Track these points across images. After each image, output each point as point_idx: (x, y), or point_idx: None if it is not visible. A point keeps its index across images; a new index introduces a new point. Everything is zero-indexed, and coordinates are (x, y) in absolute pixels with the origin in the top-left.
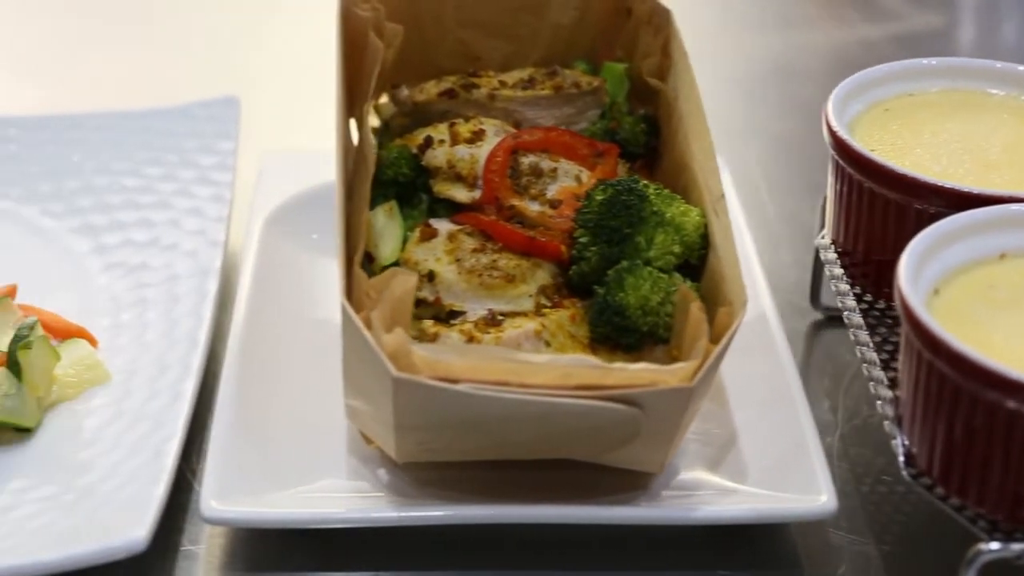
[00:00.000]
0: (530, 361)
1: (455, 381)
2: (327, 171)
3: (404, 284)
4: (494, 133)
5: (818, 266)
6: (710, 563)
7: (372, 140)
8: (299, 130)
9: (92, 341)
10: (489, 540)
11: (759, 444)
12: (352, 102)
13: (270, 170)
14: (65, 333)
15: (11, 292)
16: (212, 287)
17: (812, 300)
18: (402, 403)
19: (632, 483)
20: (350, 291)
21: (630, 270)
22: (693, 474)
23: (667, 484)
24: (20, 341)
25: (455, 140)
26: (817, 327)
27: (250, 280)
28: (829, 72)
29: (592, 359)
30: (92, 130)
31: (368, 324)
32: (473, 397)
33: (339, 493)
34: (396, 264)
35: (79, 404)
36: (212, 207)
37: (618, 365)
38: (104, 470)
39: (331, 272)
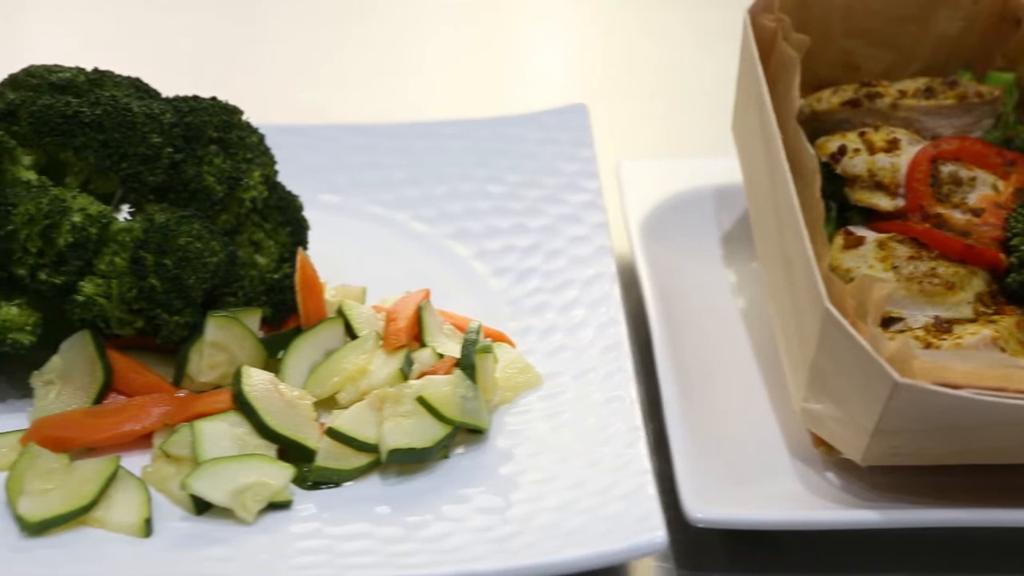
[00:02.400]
0: None
1: (955, 387)
2: (687, 178)
3: (882, 290)
4: (908, 142)
5: None
6: None
7: (811, 149)
8: (638, 137)
9: (511, 345)
10: (947, 542)
11: None
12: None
13: (630, 177)
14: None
15: (427, 296)
16: (615, 292)
17: None
18: (895, 408)
19: None
20: (834, 298)
21: None
22: None
23: None
24: (475, 345)
25: (871, 149)
26: None
27: (649, 285)
28: None
29: None
30: (448, 137)
31: (861, 331)
32: (972, 402)
33: (799, 495)
34: None
35: (517, 407)
36: (588, 213)
37: None
38: (578, 473)
39: (724, 276)
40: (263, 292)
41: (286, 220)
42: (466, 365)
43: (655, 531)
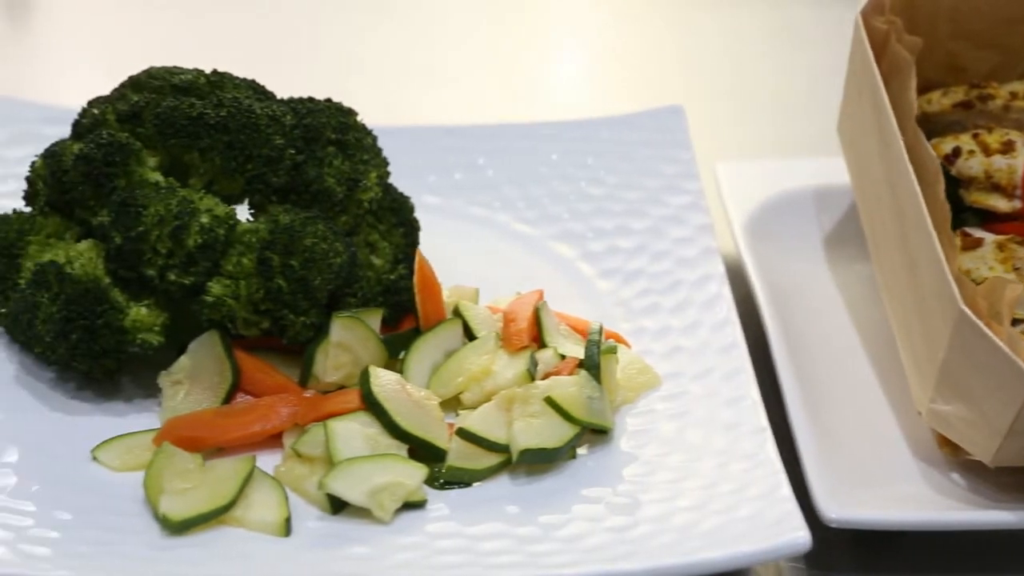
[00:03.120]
0: None
1: None
2: (785, 179)
3: (1014, 291)
4: (1023, 144)
5: None
6: None
7: (932, 152)
8: (722, 138)
9: (627, 346)
10: None
11: None
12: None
13: (727, 178)
14: None
15: (541, 297)
16: (727, 292)
17: None
18: None
19: None
20: (966, 300)
21: None
22: None
23: None
24: (598, 346)
25: (986, 151)
26: None
27: (759, 286)
28: None
29: None
30: (544, 139)
31: (996, 332)
32: None
33: (926, 496)
34: None
35: (638, 408)
36: (691, 215)
37: None
38: (709, 474)
39: (830, 277)
40: (380, 293)
41: (399, 221)
42: (591, 366)
43: (797, 531)
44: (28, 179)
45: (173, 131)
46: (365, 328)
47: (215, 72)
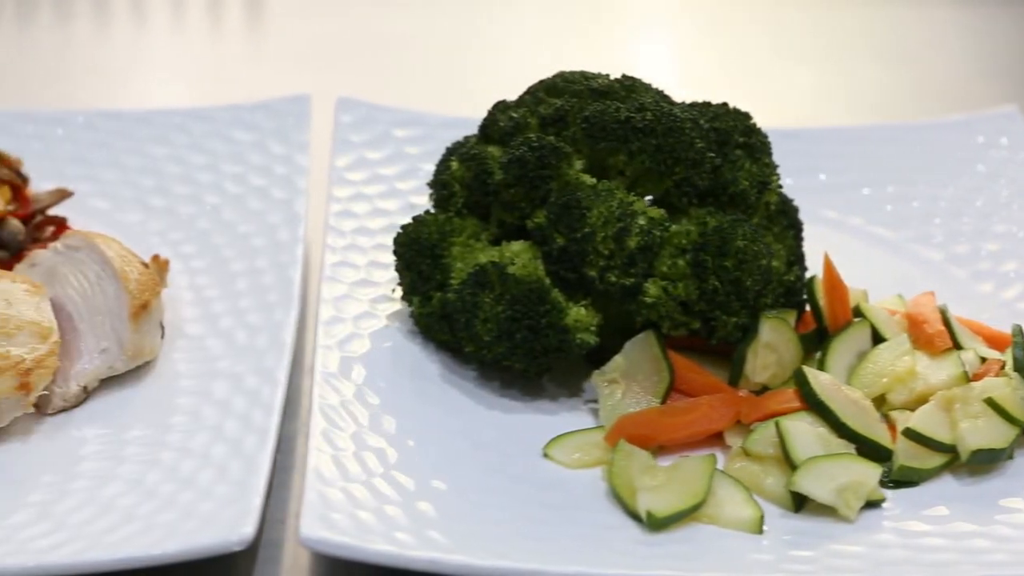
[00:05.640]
0: None
1: None
2: None
3: None
4: None
5: None
6: None
7: None
8: None
9: None
10: None
11: None
12: None
13: None
14: (998, 342)
15: (935, 299)
16: None
17: None
18: None
19: None
20: None
21: None
22: None
23: None
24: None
25: None
26: None
27: None
28: None
29: None
30: (879, 143)
31: None
32: None
33: None
34: None
35: None
36: None
37: None
38: None
39: None
40: (782, 295)
41: (790, 223)
42: (1021, 367)
43: None
44: (442, 182)
45: (603, 134)
46: (789, 329)
47: (626, 76)
